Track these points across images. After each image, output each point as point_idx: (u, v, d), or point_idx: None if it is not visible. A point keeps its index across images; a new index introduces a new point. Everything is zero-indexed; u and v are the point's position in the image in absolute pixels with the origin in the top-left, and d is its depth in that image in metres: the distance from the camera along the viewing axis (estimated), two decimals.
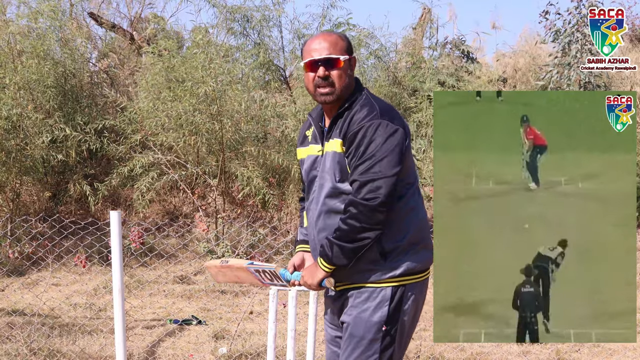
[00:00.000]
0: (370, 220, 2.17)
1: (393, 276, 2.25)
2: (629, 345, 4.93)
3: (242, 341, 4.98)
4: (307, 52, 2.32)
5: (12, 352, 4.60)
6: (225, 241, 7.17)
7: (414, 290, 2.30)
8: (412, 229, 2.28)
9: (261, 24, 9.97)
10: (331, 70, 2.27)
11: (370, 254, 2.23)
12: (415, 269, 2.29)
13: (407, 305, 2.29)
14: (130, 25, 11.42)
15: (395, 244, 2.25)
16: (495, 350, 4.95)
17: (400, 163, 2.19)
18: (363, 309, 2.26)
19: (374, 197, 2.15)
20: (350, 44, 2.37)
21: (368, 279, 2.26)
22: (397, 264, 2.25)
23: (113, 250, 3.73)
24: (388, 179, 2.16)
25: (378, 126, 2.19)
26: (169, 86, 8.00)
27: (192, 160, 8.08)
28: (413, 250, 2.28)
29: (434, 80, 9.87)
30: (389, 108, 2.27)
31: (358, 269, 2.26)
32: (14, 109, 7.59)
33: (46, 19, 8.51)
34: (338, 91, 2.28)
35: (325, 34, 2.35)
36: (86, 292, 6.47)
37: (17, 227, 7.69)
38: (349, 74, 2.32)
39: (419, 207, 2.33)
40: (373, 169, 2.16)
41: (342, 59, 2.28)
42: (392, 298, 2.25)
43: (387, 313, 2.25)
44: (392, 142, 2.18)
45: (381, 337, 2.26)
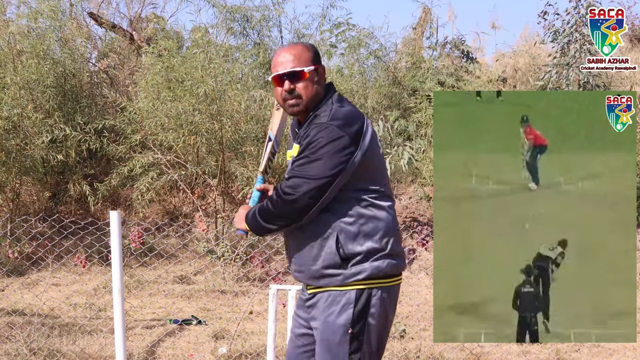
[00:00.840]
0: (281, 211, 2.24)
1: (357, 280, 2.26)
2: (629, 345, 4.93)
3: (242, 341, 4.98)
4: (274, 66, 2.36)
5: (12, 352, 4.60)
6: (225, 241, 7.17)
7: (380, 295, 2.28)
8: (374, 235, 2.27)
9: (261, 24, 9.98)
10: (297, 83, 2.30)
11: (331, 258, 2.26)
12: (380, 274, 2.28)
13: (373, 309, 2.28)
14: (130, 25, 11.42)
15: (355, 249, 2.25)
16: (495, 350, 4.95)
17: (337, 169, 2.19)
18: (329, 312, 2.29)
19: (291, 192, 2.20)
20: (318, 54, 2.38)
21: (333, 283, 2.28)
22: (360, 268, 2.26)
23: (113, 250, 3.74)
24: (314, 180, 2.18)
25: (323, 129, 2.20)
26: (169, 86, 8.00)
27: (191, 160, 8.08)
28: (376, 257, 2.27)
29: (434, 80, 9.86)
30: (345, 114, 2.26)
31: (322, 273, 2.28)
32: (14, 109, 7.59)
33: (46, 18, 8.51)
34: (305, 102, 2.32)
35: (290, 47, 2.36)
36: (86, 292, 6.47)
37: (17, 227, 7.69)
38: (317, 83, 2.34)
39: (384, 215, 2.31)
40: (304, 167, 2.20)
41: (307, 71, 2.30)
42: (356, 301, 2.26)
43: (351, 316, 2.26)
44: (332, 147, 2.18)
45: (348, 340, 2.26)
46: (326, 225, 2.25)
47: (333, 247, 2.24)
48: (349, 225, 2.24)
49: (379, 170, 2.33)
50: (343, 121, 2.22)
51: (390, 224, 2.31)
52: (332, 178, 2.19)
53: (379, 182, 2.31)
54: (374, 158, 2.29)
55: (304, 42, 2.45)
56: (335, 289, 2.28)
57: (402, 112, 9.68)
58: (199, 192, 8.55)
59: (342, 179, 2.21)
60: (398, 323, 5.35)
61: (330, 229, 2.25)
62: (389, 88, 9.96)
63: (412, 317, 5.84)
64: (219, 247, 7.06)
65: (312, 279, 2.32)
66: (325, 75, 2.40)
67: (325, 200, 2.22)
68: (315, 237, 2.27)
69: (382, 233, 2.28)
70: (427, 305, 6.01)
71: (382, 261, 2.27)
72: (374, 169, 2.30)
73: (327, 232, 2.25)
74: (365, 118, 2.30)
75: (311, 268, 2.31)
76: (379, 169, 2.34)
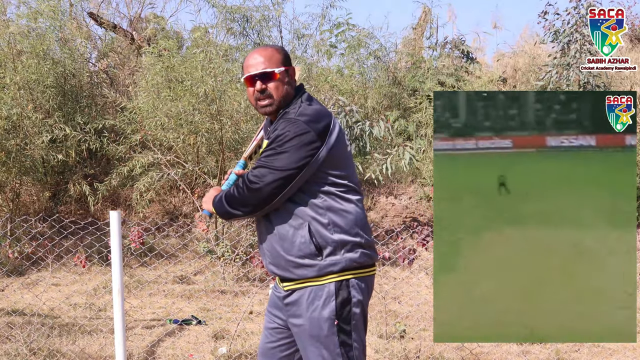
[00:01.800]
0: (245, 199, 2.33)
1: (332, 271, 2.34)
2: (629, 345, 4.93)
3: (241, 341, 4.98)
4: (245, 67, 2.45)
5: (12, 352, 4.60)
6: (225, 241, 7.17)
7: (357, 285, 2.38)
8: (345, 227, 2.36)
9: (260, 24, 9.98)
10: (268, 83, 2.40)
11: (306, 247, 2.34)
12: (355, 265, 2.37)
13: (355, 299, 2.37)
14: (130, 25, 11.42)
15: (328, 238, 2.34)
16: (495, 350, 4.95)
17: (301, 162, 2.27)
18: (313, 308, 2.36)
19: (256, 181, 2.30)
20: (288, 56, 2.48)
21: (309, 275, 2.36)
22: (334, 259, 2.34)
23: (113, 250, 3.74)
24: (279, 172, 2.28)
25: (291, 124, 2.29)
26: (169, 86, 8.00)
27: (191, 160, 8.08)
28: (348, 248, 2.36)
29: (434, 80, 9.86)
30: (312, 111, 2.35)
31: (298, 263, 2.36)
32: (13, 109, 7.59)
33: (46, 18, 8.51)
34: (276, 102, 2.42)
35: (261, 49, 2.47)
36: (86, 292, 6.47)
37: (17, 227, 7.69)
38: (287, 83, 2.44)
39: (353, 207, 2.40)
40: (270, 158, 2.30)
41: (278, 72, 2.40)
42: (336, 293, 2.34)
43: (335, 308, 2.34)
44: (298, 141, 2.28)
45: (336, 331, 2.35)
46: (298, 217, 2.34)
47: (307, 236, 2.33)
48: (320, 216, 2.34)
49: (347, 166, 2.43)
50: (310, 117, 2.32)
51: (359, 216, 2.41)
52: (297, 171, 2.28)
53: (347, 177, 2.40)
54: (341, 154, 2.40)
55: (275, 45, 2.60)
56: (313, 283, 2.36)
57: (402, 112, 9.69)
58: (199, 192, 8.55)
59: (307, 172, 2.30)
60: (398, 323, 5.35)
61: (301, 220, 2.34)
62: (389, 88, 9.96)
63: (412, 317, 5.84)
64: (219, 247, 7.06)
65: (287, 270, 2.40)
66: (295, 77, 2.50)
67: (289, 192, 2.31)
68: (288, 228, 2.36)
69: (352, 225, 2.37)
70: (427, 305, 6.01)
71: (354, 252, 2.37)
72: (342, 164, 2.40)
73: (299, 222, 2.34)
74: (332, 117, 2.41)
75: (287, 258, 2.38)
76: (347, 164, 2.43)
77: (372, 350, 4.93)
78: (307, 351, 2.42)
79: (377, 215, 8.70)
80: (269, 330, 2.58)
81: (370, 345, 5.01)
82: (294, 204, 2.35)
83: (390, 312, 5.76)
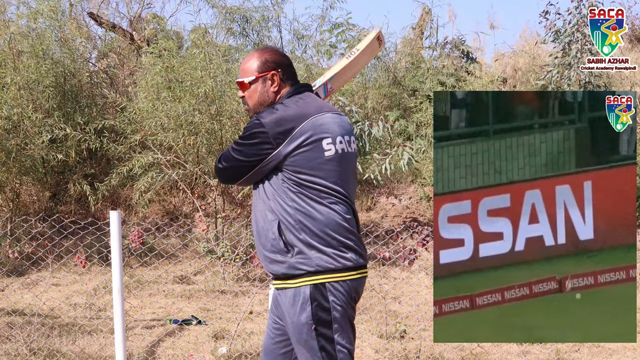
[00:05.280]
0: (218, 172, 2.54)
1: (307, 273, 2.37)
2: (629, 345, 4.93)
3: (242, 341, 4.98)
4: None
5: (12, 352, 4.60)
6: (225, 241, 7.16)
7: (334, 288, 2.37)
8: (314, 230, 2.38)
9: (260, 25, 9.97)
10: (243, 91, 2.55)
11: (277, 243, 2.40)
12: (328, 268, 2.37)
13: (332, 303, 2.37)
14: (129, 25, 11.41)
15: (293, 238, 2.39)
16: (495, 350, 4.95)
17: (252, 158, 2.40)
18: (293, 313, 2.40)
19: (218, 160, 2.51)
20: (270, 61, 2.52)
21: (281, 271, 2.42)
22: (302, 259, 2.37)
23: (113, 250, 3.74)
24: (233, 160, 2.45)
25: (252, 122, 2.43)
26: (169, 86, 8.00)
27: (191, 160, 8.07)
28: (318, 250, 2.38)
29: (434, 80, 9.86)
30: (277, 115, 2.40)
31: (271, 258, 2.43)
32: (14, 109, 7.59)
33: (46, 19, 8.50)
34: (253, 109, 2.55)
35: (247, 58, 2.56)
36: (86, 292, 6.47)
37: (17, 227, 7.69)
38: (264, 90, 2.52)
39: (325, 210, 2.40)
40: (232, 146, 2.47)
41: (247, 82, 2.51)
42: (311, 297, 2.36)
43: (311, 313, 2.36)
44: (250, 139, 2.41)
45: (315, 336, 2.37)
46: (272, 213, 2.42)
47: (276, 232, 2.40)
48: (288, 215, 2.39)
49: (321, 170, 2.41)
50: (272, 120, 2.39)
51: (332, 220, 2.40)
52: (250, 163, 2.42)
53: (321, 182, 2.41)
54: (312, 159, 2.40)
55: (263, 48, 2.60)
56: (290, 285, 2.40)
57: (402, 112, 9.68)
58: (199, 192, 8.55)
59: (264, 167, 2.41)
60: (398, 323, 5.35)
61: (274, 216, 2.41)
62: (389, 88, 9.95)
63: (412, 317, 5.84)
64: (219, 247, 7.06)
65: (266, 265, 2.48)
66: (282, 78, 2.52)
67: (250, 178, 2.45)
68: (263, 224, 2.44)
69: (321, 227, 2.38)
70: (427, 305, 6.00)
71: (324, 255, 2.38)
72: (313, 168, 2.40)
73: (271, 219, 2.42)
74: (304, 122, 2.41)
75: (264, 253, 2.46)
76: (323, 169, 2.42)
77: (372, 350, 4.93)
78: (297, 352, 2.47)
79: (377, 215, 8.70)
80: (270, 327, 2.62)
81: (370, 345, 5.01)
82: (269, 201, 2.43)
83: (390, 312, 5.76)
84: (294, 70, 2.57)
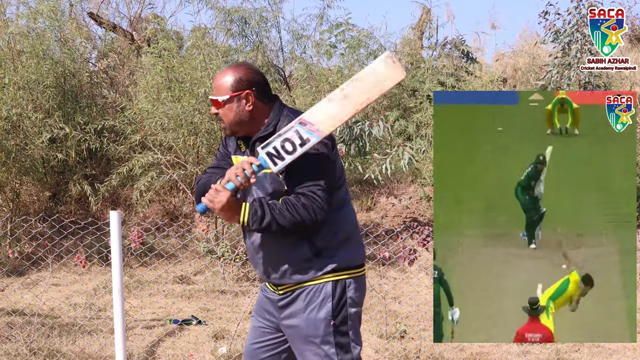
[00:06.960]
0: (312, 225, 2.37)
1: (328, 271, 2.38)
2: (629, 345, 4.93)
3: (242, 341, 4.98)
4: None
5: (12, 352, 4.60)
6: (225, 241, 7.16)
7: (353, 284, 2.42)
8: (343, 228, 2.43)
9: (259, 25, 9.97)
10: (218, 109, 2.43)
11: (304, 252, 2.38)
12: (350, 264, 2.42)
13: (350, 300, 2.41)
14: (130, 25, 11.41)
15: (327, 242, 2.39)
16: (495, 350, 4.95)
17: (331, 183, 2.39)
18: (310, 309, 2.40)
19: (310, 219, 2.34)
20: (244, 80, 2.39)
21: (306, 279, 2.40)
22: (330, 260, 2.39)
23: (113, 250, 3.74)
24: (324, 205, 2.34)
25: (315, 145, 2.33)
26: (169, 86, 8.00)
27: (191, 161, 8.07)
28: (344, 247, 2.42)
29: (434, 80, 9.86)
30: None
31: (297, 268, 2.40)
32: (13, 109, 7.59)
33: (45, 19, 8.50)
34: (229, 127, 2.44)
35: (221, 73, 2.42)
36: (86, 292, 6.47)
37: (17, 227, 7.69)
38: (240, 108, 2.39)
39: (348, 208, 2.49)
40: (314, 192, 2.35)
41: (221, 100, 2.39)
42: (333, 293, 2.38)
43: (331, 308, 2.38)
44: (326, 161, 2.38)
45: (332, 332, 2.38)
46: None
47: (305, 243, 2.37)
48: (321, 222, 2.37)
49: (340, 173, 2.47)
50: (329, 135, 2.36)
51: (350, 219, 2.48)
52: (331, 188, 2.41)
53: (342, 183, 2.47)
54: (341, 165, 2.48)
55: (237, 65, 2.44)
56: (309, 283, 2.39)
57: (402, 112, 9.68)
58: None
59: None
60: (398, 323, 5.35)
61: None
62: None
63: (412, 317, 5.84)
64: (219, 247, 7.06)
65: (285, 277, 2.42)
66: (257, 97, 2.39)
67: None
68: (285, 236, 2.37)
69: (345, 227, 2.44)
70: (427, 305, 6.01)
71: (348, 252, 2.42)
72: (339, 172, 2.45)
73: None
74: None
75: (285, 266, 2.41)
76: (340, 172, 2.48)
77: (372, 350, 4.93)
78: (302, 352, 2.43)
79: (377, 215, 8.70)
80: (255, 329, 2.61)
81: (370, 345, 5.01)
82: None
83: (390, 312, 5.76)
84: (269, 87, 2.46)
